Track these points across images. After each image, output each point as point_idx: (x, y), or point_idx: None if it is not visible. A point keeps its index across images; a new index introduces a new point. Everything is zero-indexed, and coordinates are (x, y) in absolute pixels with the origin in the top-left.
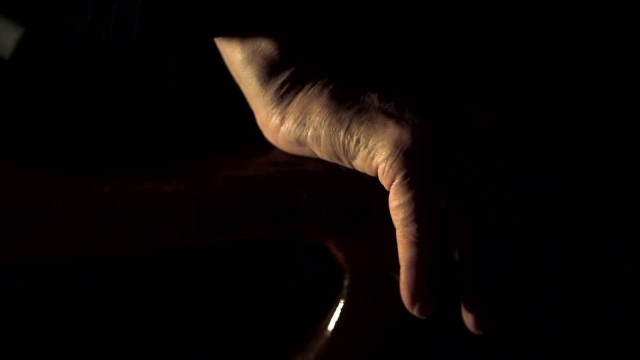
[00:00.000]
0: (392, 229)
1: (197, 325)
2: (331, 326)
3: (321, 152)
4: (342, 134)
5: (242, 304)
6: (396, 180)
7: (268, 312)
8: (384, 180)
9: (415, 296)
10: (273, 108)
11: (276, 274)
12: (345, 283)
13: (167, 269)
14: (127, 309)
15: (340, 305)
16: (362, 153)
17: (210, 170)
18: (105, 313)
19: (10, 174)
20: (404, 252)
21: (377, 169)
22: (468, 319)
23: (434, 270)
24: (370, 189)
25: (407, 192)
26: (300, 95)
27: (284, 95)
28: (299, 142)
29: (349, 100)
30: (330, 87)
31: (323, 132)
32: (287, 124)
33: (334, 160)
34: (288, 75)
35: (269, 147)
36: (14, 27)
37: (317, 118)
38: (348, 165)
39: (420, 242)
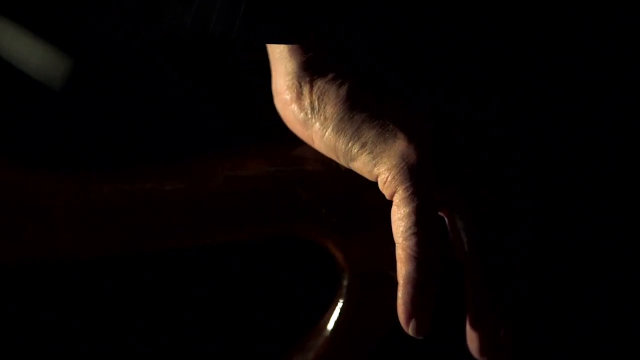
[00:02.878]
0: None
1: (197, 325)
2: (330, 326)
3: (321, 143)
4: (350, 133)
5: (242, 303)
6: (399, 192)
7: (268, 312)
8: (385, 190)
9: (411, 314)
10: (293, 79)
11: (276, 273)
12: (345, 283)
13: (167, 269)
14: (127, 309)
15: (340, 304)
16: (365, 158)
17: (210, 169)
18: (104, 313)
19: (10, 173)
20: (402, 266)
21: (377, 176)
22: (473, 343)
23: (431, 288)
24: (370, 190)
25: (409, 204)
26: (321, 80)
27: (308, 70)
28: (305, 124)
29: (365, 103)
30: (351, 84)
31: (331, 126)
32: (300, 102)
33: (329, 155)
34: (317, 53)
35: (269, 147)
36: (63, 58)
37: (330, 110)
38: (342, 164)
39: (419, 257)
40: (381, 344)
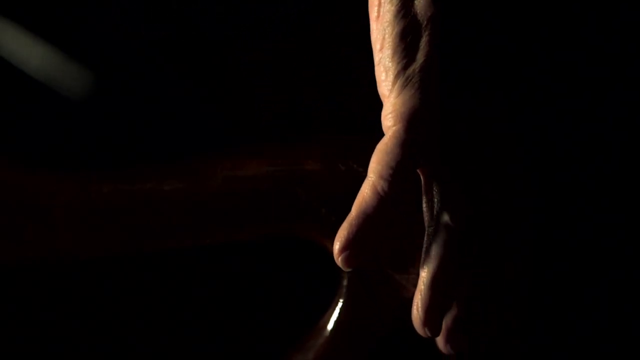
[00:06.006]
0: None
1: (197, 324)
2: (330, 326)
3: (380, 26)
4: (408, 48)
5: (242, 303)
6: (398, 127)
7: (268, 312)
8: (387, 119)
9: (350, 248)
10: None
11: (276, 273)
12: (344, 282)
13: (167, 269)
14: (127, 309)
15: (339, 304)
16: (394, 74)
17: (209, 169)
18: (104, 313)
19: (10, 173)
20: (362, 200)
21: (388, 96)
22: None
23: (380, 231)
24: None
25: (403, 145)
26: None
27: None
28: (382, 2)
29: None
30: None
31: (402, 25)
32: None
33: (375, 39)
34: None
35: (269, 147)
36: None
37: (414, 11)
38: (374, 51)
39: (385, 198)
40: (381, 344)
